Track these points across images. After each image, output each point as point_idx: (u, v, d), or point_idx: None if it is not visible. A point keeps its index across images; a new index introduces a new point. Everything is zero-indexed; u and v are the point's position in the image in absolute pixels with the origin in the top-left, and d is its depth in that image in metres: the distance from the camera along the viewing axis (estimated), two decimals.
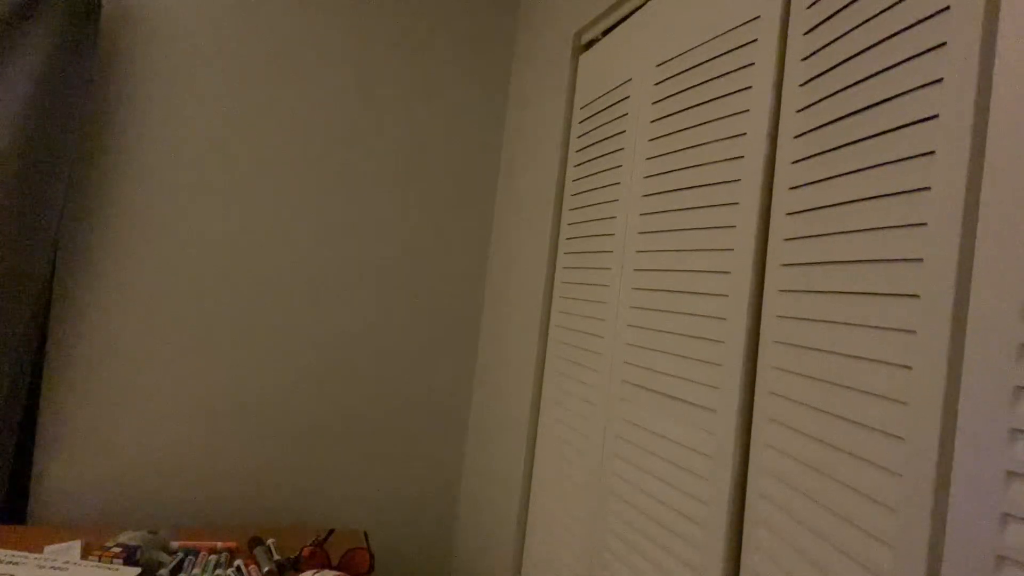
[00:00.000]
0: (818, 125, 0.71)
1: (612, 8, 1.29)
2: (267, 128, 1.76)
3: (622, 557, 1.00)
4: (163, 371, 1.70)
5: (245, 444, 1.76)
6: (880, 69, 0.63)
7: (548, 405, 1.38)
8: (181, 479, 1.71)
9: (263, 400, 1.77)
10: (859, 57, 0.66)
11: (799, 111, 0.75)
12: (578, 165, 1.37)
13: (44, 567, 1.24)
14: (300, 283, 1.80)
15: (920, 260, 0.56)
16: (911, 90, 0.59)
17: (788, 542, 0.69)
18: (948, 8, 0.56)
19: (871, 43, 0.65)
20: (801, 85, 0.75)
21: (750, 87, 0.84)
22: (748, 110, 0.84)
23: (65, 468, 1.63)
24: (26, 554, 1.28)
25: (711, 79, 0.92)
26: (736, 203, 0.84)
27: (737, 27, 0.88)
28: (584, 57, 1.42)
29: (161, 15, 1.68)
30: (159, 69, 1.68)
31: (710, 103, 0.92)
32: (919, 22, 0.59)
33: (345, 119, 1.82)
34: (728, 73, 0.89)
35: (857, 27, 0.67)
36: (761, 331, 0.78)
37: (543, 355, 1.45)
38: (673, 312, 0.95)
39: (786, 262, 0.75)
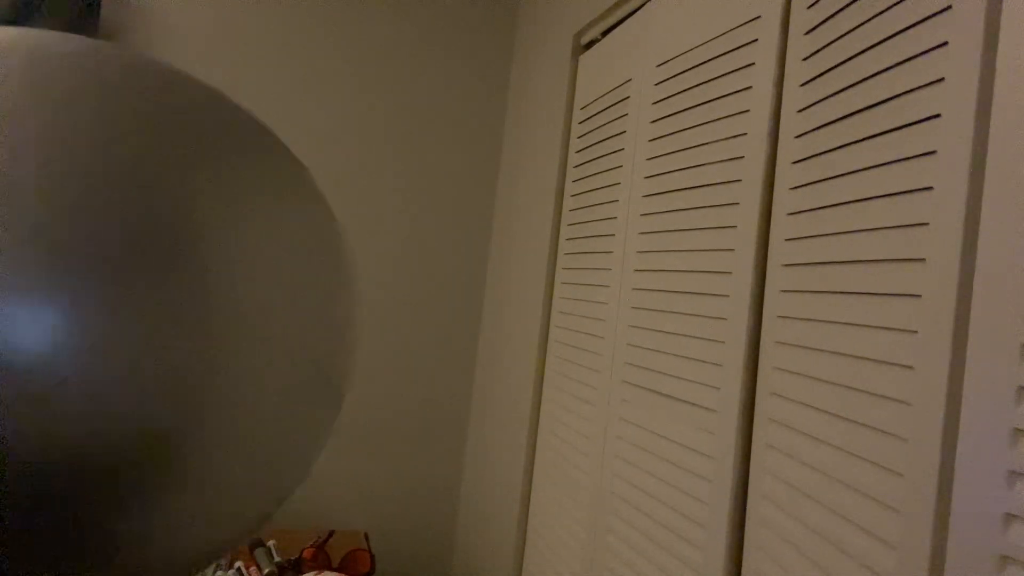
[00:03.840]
0: (819, 125, 0.71)
1: (612, 9, 1.29)
2: None
3: (623, 558, 1.00)
4: None
5: None
6: (882, 68, 0.63)
7: (548, 406, 1.38)
8: None
9: None
10: (860, 57, 0.66)
11: (800, 111, 0.75)
12: (578, 166, 1.36)
13: None
14: None
15: (922, 260, 0.56)
16: (913, 90, 0.59)
17: (790, 542, 0.69)
18: (950, 7, 0.56)
19: (872, 42, 0.64)
20: (802, 85, 0.75)
21: (751, 87, 0.84)
22: (749, 110, 0.84)
23: None
24: None
25: (711, 79, 0.92)
26: (737, 203, 0.84)
27: (738, 27, 0.88)
28: (584, 58, 1.42)
29: (160, 18, 1.68)
30: None
31: (711, 103, 0.92)
32: (921, 21, 0.59)
33: (344, 120, 1.82)
34: (729, 73, 0.89)
35: (858, 27, 0.67)
36: (762, 331, 0.78)
37: (543, 355, 1.44)
38: (674, 312, 0.95)
39: (787, 262, 0.75)
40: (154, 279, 0.27)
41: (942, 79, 0.56)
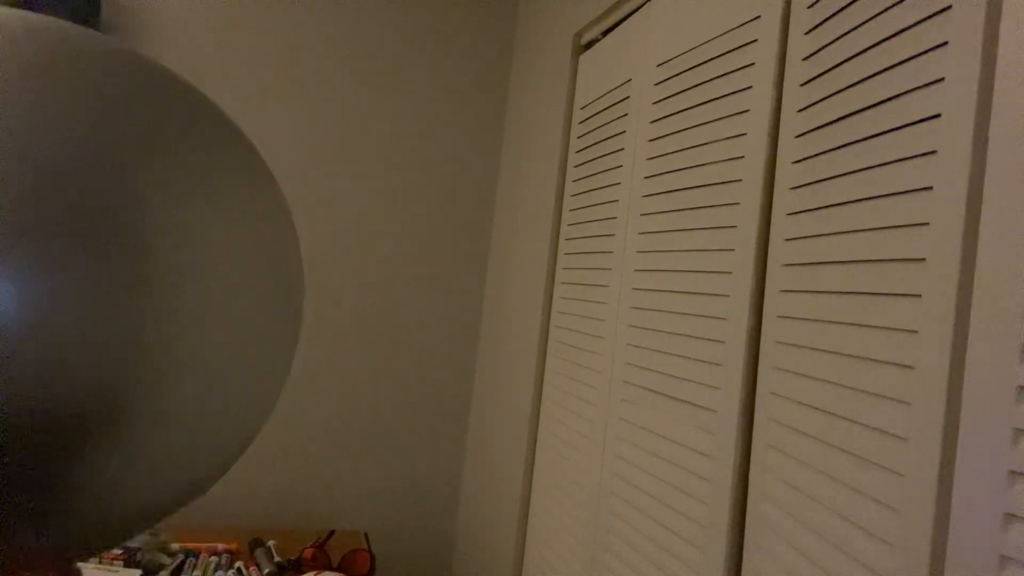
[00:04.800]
0: (819, 125, 0.71)
1: (612, 8, 1.29)
2: (263, 129, 1.76)
3: (623, 558, 1.00)
4: None
5: None
6: (882, 68, 0.63)
7: (548, 405, 1.38)
8: None
9: None
10: (860, 56, 0.66)
11: (800, 111, 0.75)
12: (578, 166, 1.36)
13: None
14: None
15: (922, 260, 0.56)
16: (913, 89, 0.59)
17: (790, 542, 0.69)
18: (950, 7, 0.56)
19: (872, 42, 0.64)
20: (802, 85, 0.75)
21: (751, 87, 0.84)
22: (749, 110, 0.84)
23: None
24: None
25: (711, 79, 0.92)
26: (737, 203, 0.84)
27: (738, 27, 0.88)
28: (584, 58, 1.42)
29: (159, 19, 1.68)
30: None
31: (711, 103, 0.92)
32: (920, 21, 0.59)
33: (343, 120, 1.82)
34: (729, 73, 0.89)
35: (858, 26, 0.67)
36: (762, 331, 0.78)
37: (543, 355, 1.44)
38: (674, 312, 0.95)
39: (787, 262, 0.75)
40: (98, 253, 0.29)
41: (942, 79, 0.56)
